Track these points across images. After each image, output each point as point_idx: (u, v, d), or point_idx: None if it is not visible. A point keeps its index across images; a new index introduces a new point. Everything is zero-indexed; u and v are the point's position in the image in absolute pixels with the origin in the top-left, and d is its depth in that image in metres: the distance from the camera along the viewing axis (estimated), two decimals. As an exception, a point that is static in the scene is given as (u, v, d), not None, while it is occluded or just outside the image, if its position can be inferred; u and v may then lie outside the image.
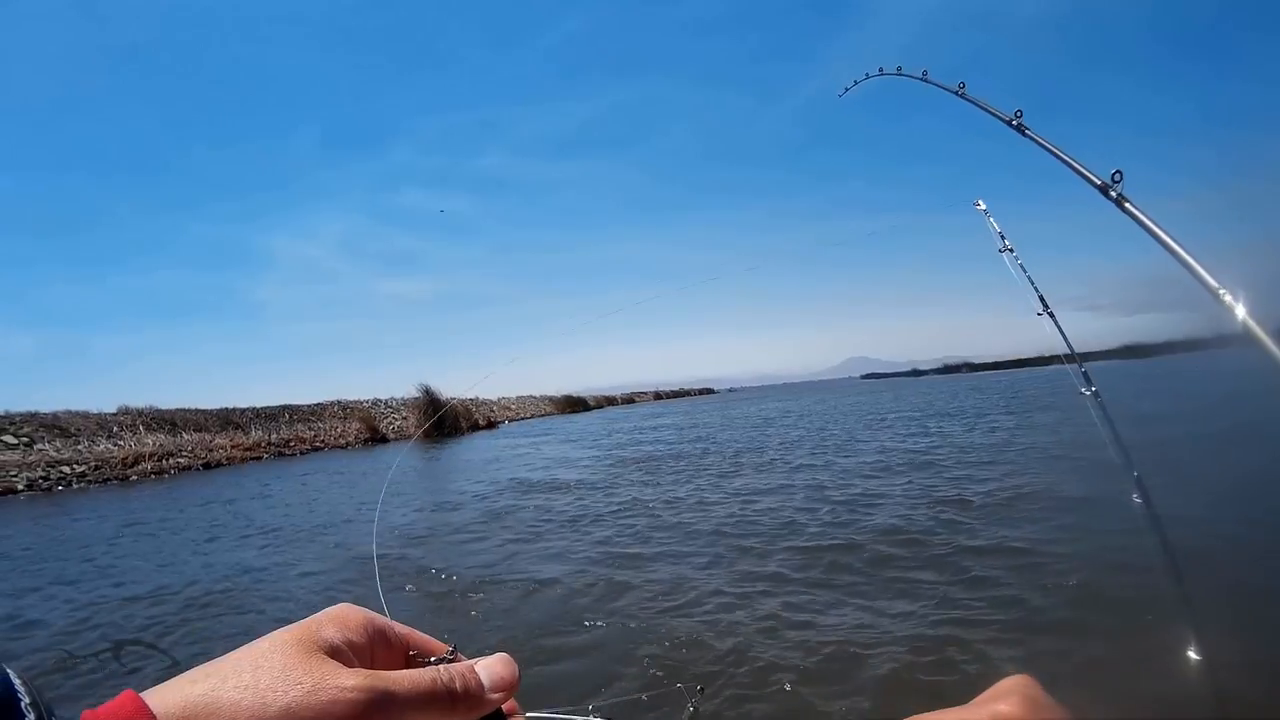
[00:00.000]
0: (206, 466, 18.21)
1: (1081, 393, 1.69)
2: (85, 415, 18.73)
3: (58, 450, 16.52)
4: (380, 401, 30.14)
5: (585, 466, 12.19)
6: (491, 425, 32.29)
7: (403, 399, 30.75)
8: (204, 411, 22.04)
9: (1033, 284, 1.83)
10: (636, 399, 68.43)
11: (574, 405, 49.21)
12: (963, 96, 1.92)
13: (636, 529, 6.35)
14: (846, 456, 10.59)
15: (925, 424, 15.44)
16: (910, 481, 7.67)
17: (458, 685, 0.39)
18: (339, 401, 28.00)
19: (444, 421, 27.48)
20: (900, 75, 2.34)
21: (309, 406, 26.44)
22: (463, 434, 27.43)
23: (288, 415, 24.69)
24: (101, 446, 17.28)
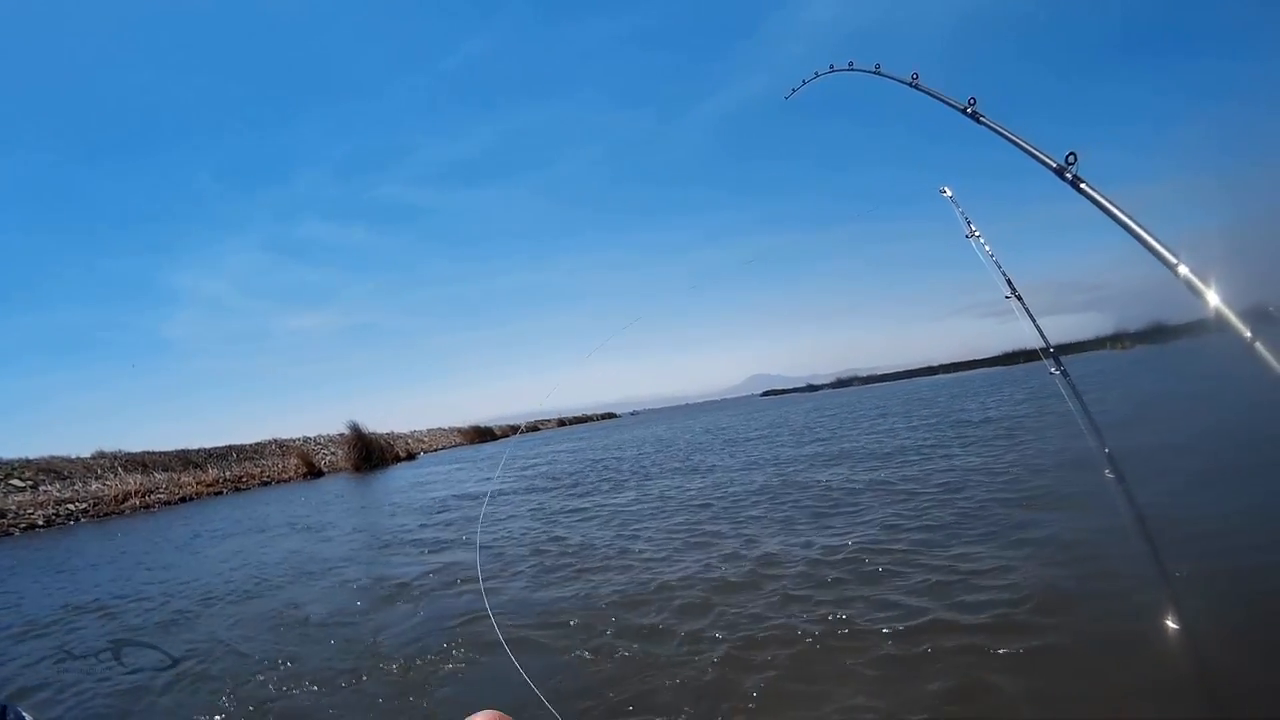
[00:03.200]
0: (182, 500, 22.24)
1: (1051, 373, 1.77)
2: (71, 460, 22.27)
3: (60, 491, 20.24)
4: (310, 439, 34.10)
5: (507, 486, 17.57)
6: (412, 457, 36.74)
7: (330, 435, 34.82)
8: (166, 453, 25.70)
9: (1000, 268, 1.84)
10: (541, 426, 73.48)
11: (482, 435, 53.72)
12: (916, 87, 1.90)
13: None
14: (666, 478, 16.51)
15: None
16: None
17: None
18: (276, 440, 31.91)
19: (372, 455, 31.93)
20: (853, 70, 2.27)
21: (251, 445, 30.30)
22: (389, 465, 31.87)
23: (235, 454, 28.54)
24: (94, 486, 21.06)
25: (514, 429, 59.34)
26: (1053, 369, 1.80)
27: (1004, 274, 1.85)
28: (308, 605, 6.15)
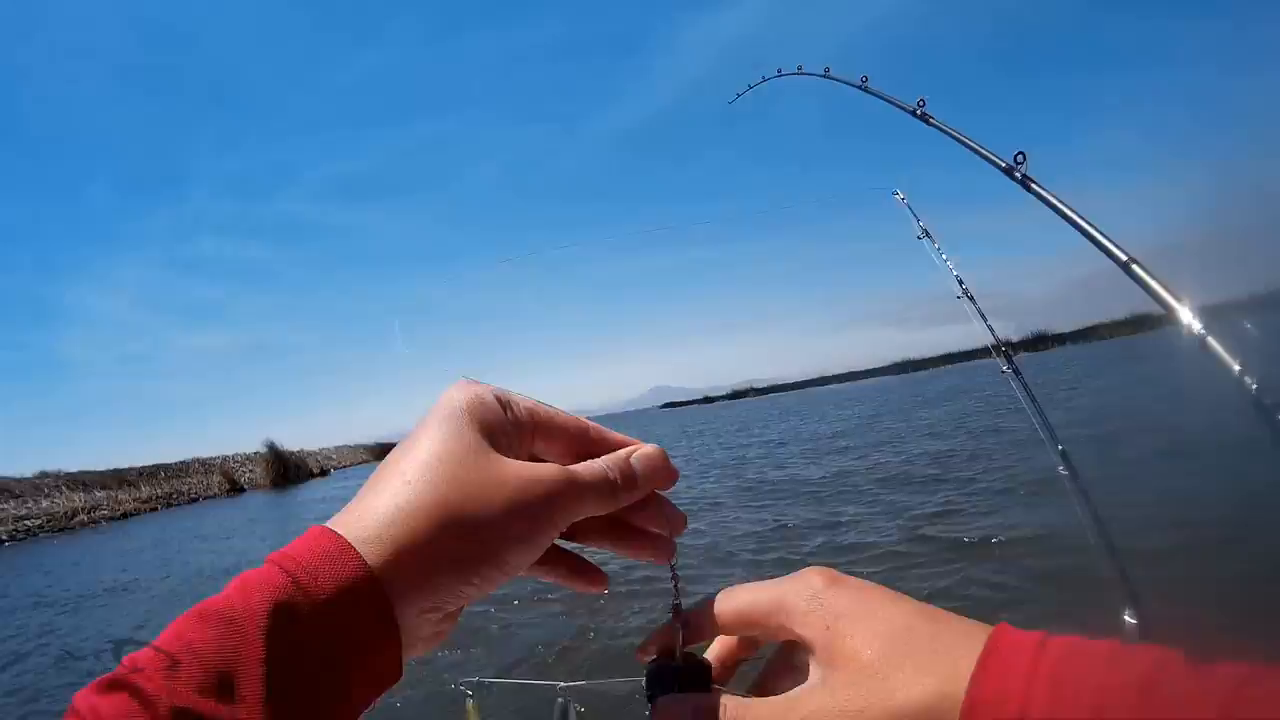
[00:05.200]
0: (124, 516, 25.30)
1: (1002, 371, 1.78)
2: (19, 480, 24.87)
3: (15, 508, 23.08)
4: (228, 457, 36.89)
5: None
6: (325, 473, 39.95)
7: (247, 453, 37.65)
8: (102, 472, 28.40)
9: (951, 269, 1.88)
10: (445, 440, 76.33)
11: (386, 452, 56.38)
12: (865, 90, 1.94)
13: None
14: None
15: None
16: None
17: (618, 477, 0.40)
18: (197, 459, 34.69)
19: (289, 471, 35.19)
20: (801, 74, 2.31)
21: (176, 464, 33.03)
22: (304, 481, 35.14)
23: (163, 473, 31.32)
24: (44, 504, 23.93)
25: (419, 444, 62.14)
26: (1004, 367, 1.76)
27: (955, 274, 1.85)
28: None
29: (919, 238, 1.91)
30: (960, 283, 1.86)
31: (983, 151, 1.35)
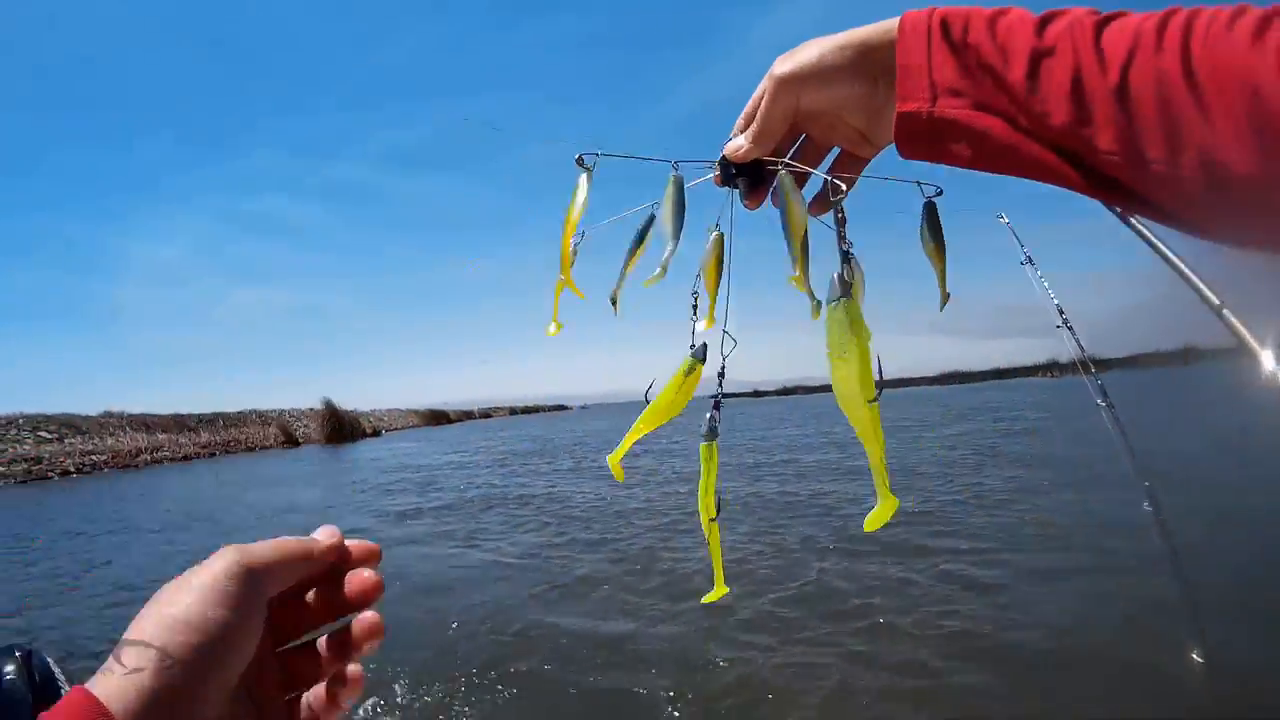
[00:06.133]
0: (185, 459, 25.53)
1: (1098, 404, 1.71)
2: (85, 417, 25.30)
3: (82, 444, 23.41)
4: (285, 411, 37.29)
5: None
6: (377, 433, 40.17)
7: (301, 409, 38.05)
8: (164, 416, 28.79)
9: (1052, 297, 1.79)
10: (493, 414, 77.03)
11: (437, 418, 57.14)
12: None
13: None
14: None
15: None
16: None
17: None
18: (255, 410, 35.07)
19: (343, 429, 35.39)
20: None
21: (235, 414, 33.43)
22: (358, 440, 35.30)
23: (222, 421, 31.70)
24: (109, 441, 24.24)
25: (468, 414, 62.77)
26: (1100, 400, 1.70)
27: (1056, 303, 1.76)
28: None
29: (1022, 263, 1.93)
30: (1061, 312, 1.87)
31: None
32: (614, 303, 0.58)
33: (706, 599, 0.58)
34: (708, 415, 0.54)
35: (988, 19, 0.43)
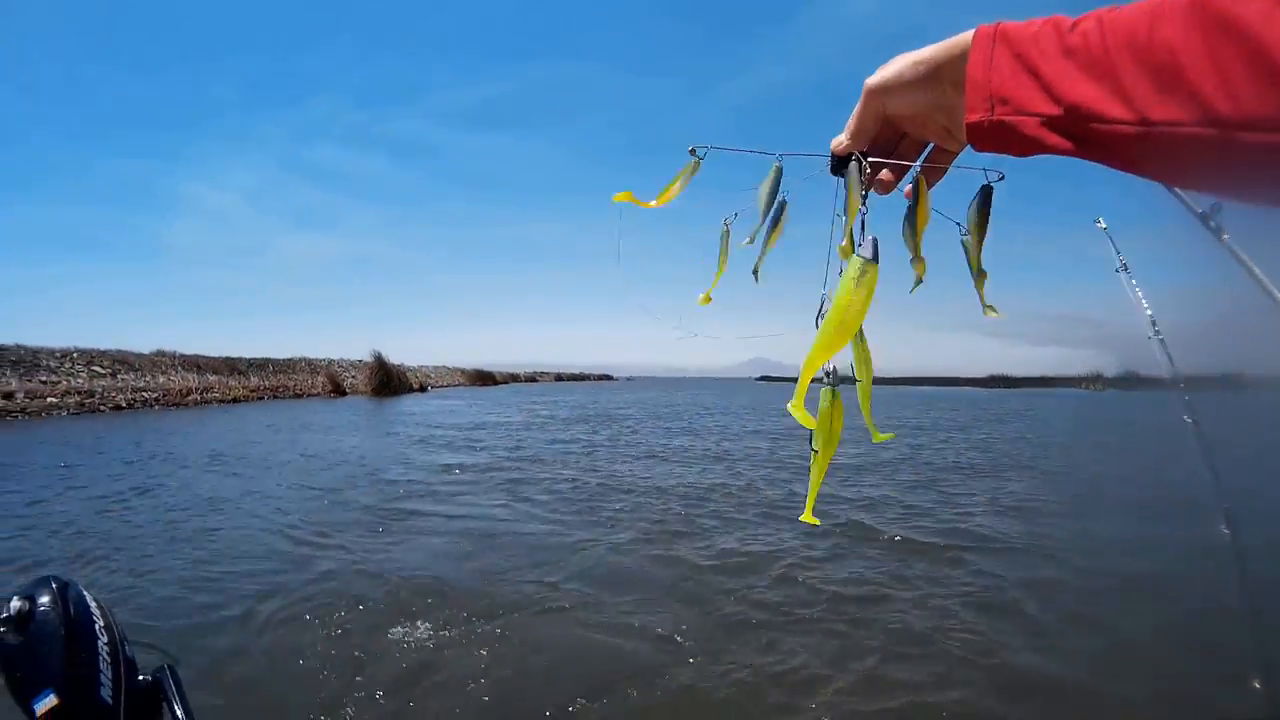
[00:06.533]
0: (234, 401, 25.42)
1: (1185, 420, 1.69)
2: (139, 355, 25.35)
3: (134, 380, 23.38)
4: (334, 360, 37.25)
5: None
6: (424, 389, 40.00)
7: (352, 360, 37.99)
8: (214, 358, 28.79)
9: (1146, 308, 1.79)
10: (539, 378, 76.92)
11: (483, 379, 57.03)
12: None
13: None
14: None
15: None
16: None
17: None
18: (305, 358, 35.03)
19: (391, 382, 35.18)
20: None
21: (284, 360, 33.41)
22: (403, 394, 35.11)
23: (271, 367, 31.68)
24: (160, 380, 24.20)
25: (514, 377, 62.55)
26: (1186, 417, 1.69)
27: (1149, 314, 1.78)
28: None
29: (1117, 271, 1.91)
30: (1153, 324, 1.84)
31: (1179, 194, 1.33)
32: (755, 274, 0.66)
33: (802, 518, 0.62)
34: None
35: (1038, 26, 0.48)
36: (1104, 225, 1.94)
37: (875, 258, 0.53)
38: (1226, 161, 0.39)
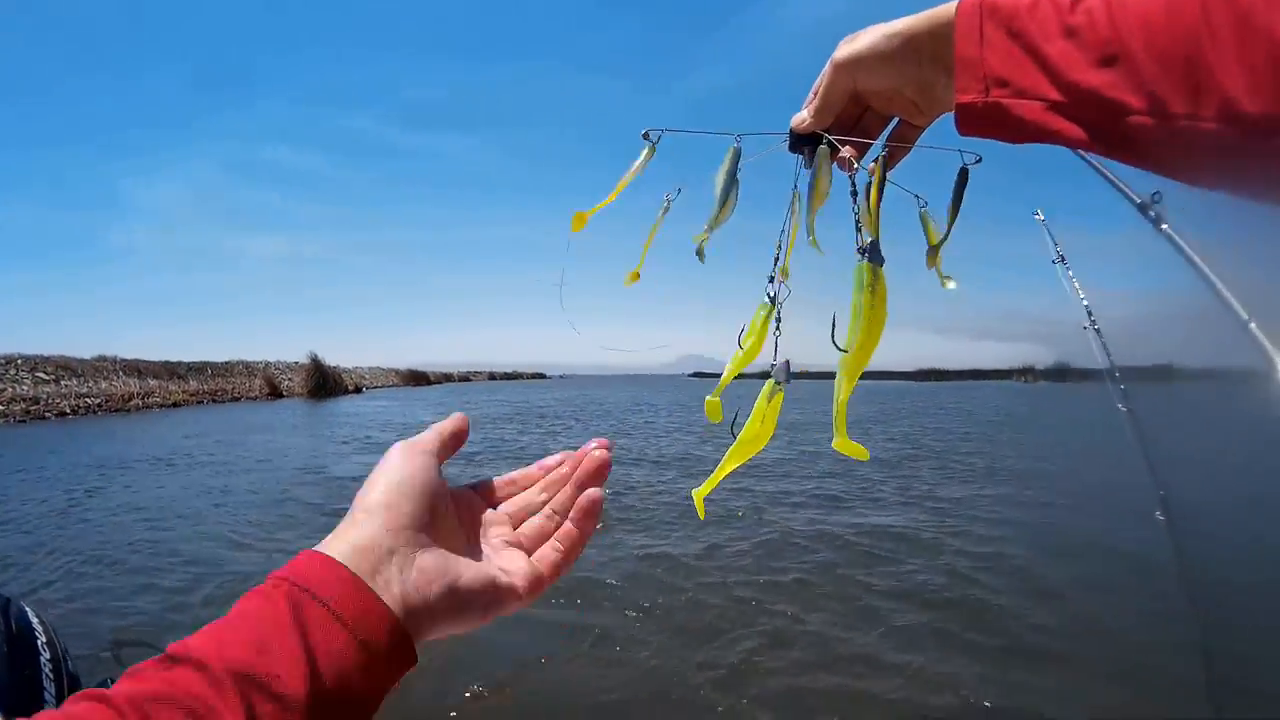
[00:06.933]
0: (174, 405, 26.90)
1: (1119, 408, 1.73)
2: (81, 360, 26.55)
3: (78, 386, 24.71)
4: (271, 363, 38.59)
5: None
6: (359, 390, 41.56)
7: (287, 362, 39.37)
8: (154, 362, 30.05)
9: (1083, 299, 1.83)
10: (472, 378, 78.44)
11: (417, 379, 58.39)
12: None
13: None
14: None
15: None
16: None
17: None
18: (242, 361, 36.35)
19: (327, 384, 36.75)
20: None
21: (221, 363, 34.73)
22: (339, 396, 36.68)
23: (209, 370, 33.01)
24: (103, 385, 25.56)
25: (448, 377, 64.03)
26: (1121, 405, 1.71)
27: (1085, 305, 1.78)
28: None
29: (1054, 262, 1.88)
30: (1089, 314, 1.81)
31: (1118, 184, 1.33)
32: (699, 255, 0.61)
33: (695, 492, 0.59)
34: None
35: (1029, 5, 0.46)
36: (1042, 217, 1.94)
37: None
38: (1256, 163, 0.38)
